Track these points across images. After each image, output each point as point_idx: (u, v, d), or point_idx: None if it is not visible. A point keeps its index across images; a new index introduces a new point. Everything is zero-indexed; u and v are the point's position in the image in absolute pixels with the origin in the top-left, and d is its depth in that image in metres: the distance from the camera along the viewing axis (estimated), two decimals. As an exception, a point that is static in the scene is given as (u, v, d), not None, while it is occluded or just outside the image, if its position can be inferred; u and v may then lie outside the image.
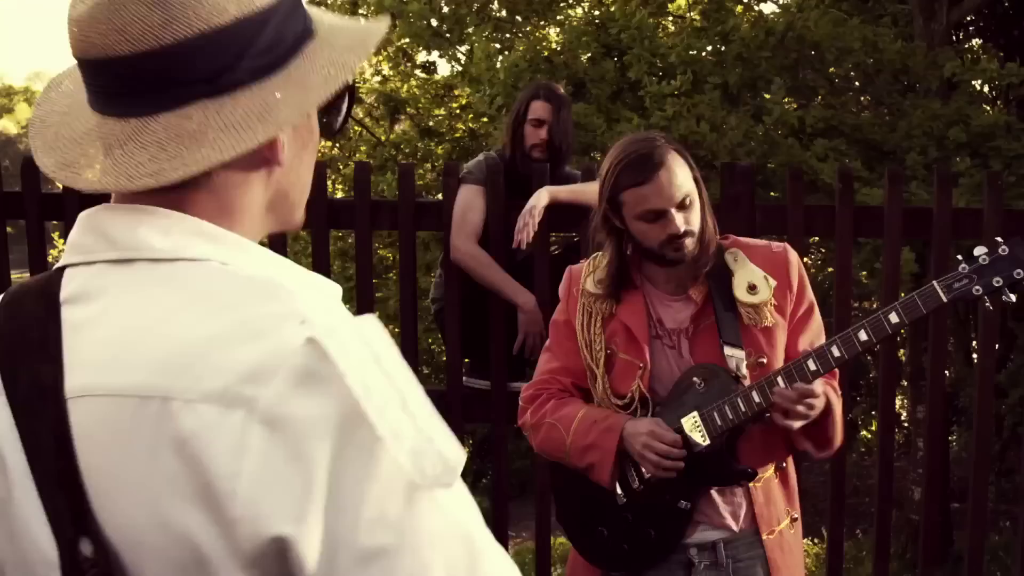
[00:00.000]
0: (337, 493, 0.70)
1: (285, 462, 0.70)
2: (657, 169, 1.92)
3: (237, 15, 0.78)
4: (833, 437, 2.01)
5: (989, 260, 1.89)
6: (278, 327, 0.73)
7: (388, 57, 10.23)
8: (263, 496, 0.70)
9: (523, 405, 2.16)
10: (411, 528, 0.71)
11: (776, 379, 1.92)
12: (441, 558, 0.72)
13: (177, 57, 0.76)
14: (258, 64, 0.79)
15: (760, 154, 6.32)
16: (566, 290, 2.15)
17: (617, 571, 2.11)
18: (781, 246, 2.09)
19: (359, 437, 0.70)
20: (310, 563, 0.70)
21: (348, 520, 0.70)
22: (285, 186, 0.86)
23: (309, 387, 0.70)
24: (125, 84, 0.78)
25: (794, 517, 2.10)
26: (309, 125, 0.87)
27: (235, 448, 0.70)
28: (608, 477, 2.01)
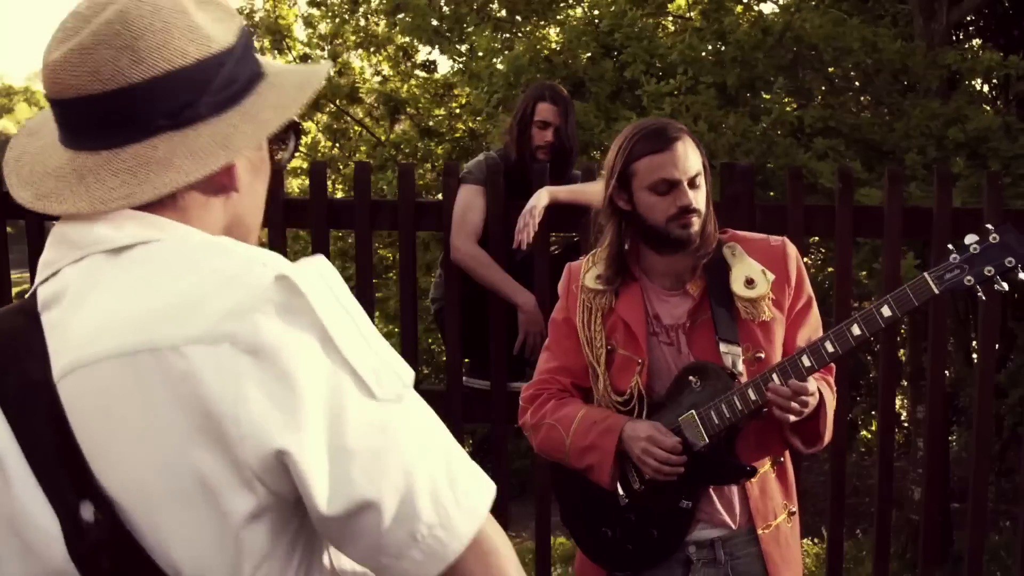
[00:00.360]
0: (326, 407, 0.80)
1: (278, 384, 0.79)
2: (674, 140, 1.94)
3: (197, 57, 0.87)
4: (822, 433, 2.00)
5: (980, 249, 1.87)
6: (246, 271, 0.82)
7: (388, 57, 10.23)
8: (264, 413, 0.78)
9: (523, 405, 2.16)
10: (391, 429, 0.82)
11: (771, 376, 1.92)
12: (422, 451, 0.83)
13: (144, 95, 0.86)
14: (216, 100, 0.89)
15: (758, 154, 6.32)
16: (565, 287, 2.15)
17: (622, 571, 2.11)
18: (779, 240, 2.08)
19: (333, 358, 0.81)
20: (310, 470, 0.79)
21: (339, 428, 0.80)
22: (241, 211, 0.96)
23: (284, 318, 0.80)
24: (97, 120, 0.87)
25: (791, 511, 2.09)
26: (261, 156, 0.97)
27: (228, 377, 0.78)
28: (608, 478, 2.02)
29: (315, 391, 0.80)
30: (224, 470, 0.79)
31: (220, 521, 0.81)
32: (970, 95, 7.09)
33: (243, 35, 0.93)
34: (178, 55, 0.86)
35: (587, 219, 3.04)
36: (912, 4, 7.40)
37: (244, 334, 0.79)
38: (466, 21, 8.39)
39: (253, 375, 0.78)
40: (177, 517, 0.81)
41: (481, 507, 0.85)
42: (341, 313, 0.84)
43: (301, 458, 0.79)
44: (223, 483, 0.80)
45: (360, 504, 0.80)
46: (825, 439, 2.02)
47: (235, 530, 0.81)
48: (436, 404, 3.65)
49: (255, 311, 0.79)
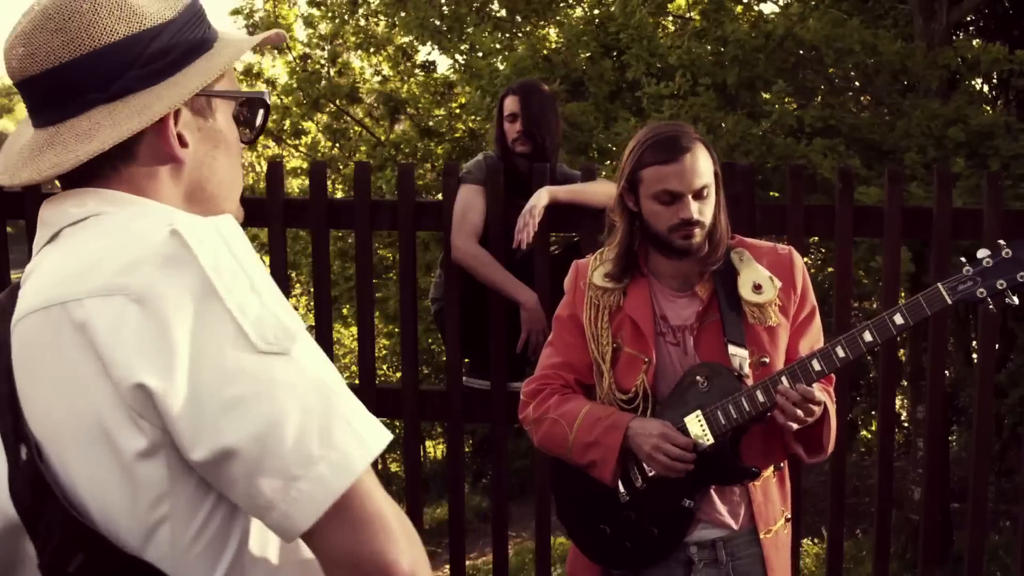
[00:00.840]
0: (198, 353, 0.82)
1: (153, 329, 0.83)
2: (683, 152, 1.94)
3: (125, 33, 0.93)
4: (826, 444, 2.01)
5: (993, 263, 1.90)
6: (152, 231, 0.88)
7: (388, 57, 10.23)
8: (134, 355, 0.83)
9: (525, 400, 2.15)
10: (266, 379, 0.83)
11: (780, 378, 1.93)
12: (296, 402, 0.83)
13: (75, 71, 0.93)
14: (145, 72, 0.94)
15: (758, 155, 6.32)
16: (572, 284, 2.15)
17: (619, 569, 2.11)
18: (786, 248, 2.10)
19: (213, 308, 0.84)
20: (173, 412, 0.82)
21: (209, 375, 0.82)
22: (199, 179, 1.01)
23: (170, 268, 0.84)
24: (42, 100, 0.96)
25: (787, 517, 2.11)
26: (215, 126, 1.02)
27: (114, 325, 0.84)
28: (611, 475, 2.02)
29: (186, 336, 0.82)
30: (115, 410, 0.84)
31: (116, 458, 0.86)
32: (970, 95, 7.09)
33: (188, 10, 0.99)
34: (106, 32, 0.92)
35: (587, 219, 3.05)
36: (912, 4, 7.40)
37: (134, 285, 0.84)
38: (466, 21, 8.39)
39: (134, 322, 0.83)
40: (82, 457, 0.87)
41: (353, 464, 0.84)
42: (231, 266, 0.86)
43: (166, 400, 0.82)
44: (115, 422, 0.85)
45: (223, 451, 0.82)
46: (827, 449, 2.03)
47: (129, 467, 0.85)
48: (436, 404, 3.65)
49: (145, 263, 0.85)
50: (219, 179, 1.03)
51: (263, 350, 0.83)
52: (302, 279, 9.89)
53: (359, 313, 3.32)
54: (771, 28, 6.79)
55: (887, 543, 3.05)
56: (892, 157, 6.39)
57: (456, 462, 3.35)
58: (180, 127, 0.98)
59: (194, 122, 1.00)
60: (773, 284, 2.02)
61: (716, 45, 6.92)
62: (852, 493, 8.15)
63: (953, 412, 8.60)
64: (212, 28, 1.03)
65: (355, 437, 0.85)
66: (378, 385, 3.36)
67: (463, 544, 3.35)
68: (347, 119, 10.18)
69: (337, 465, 0.83)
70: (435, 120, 9.47)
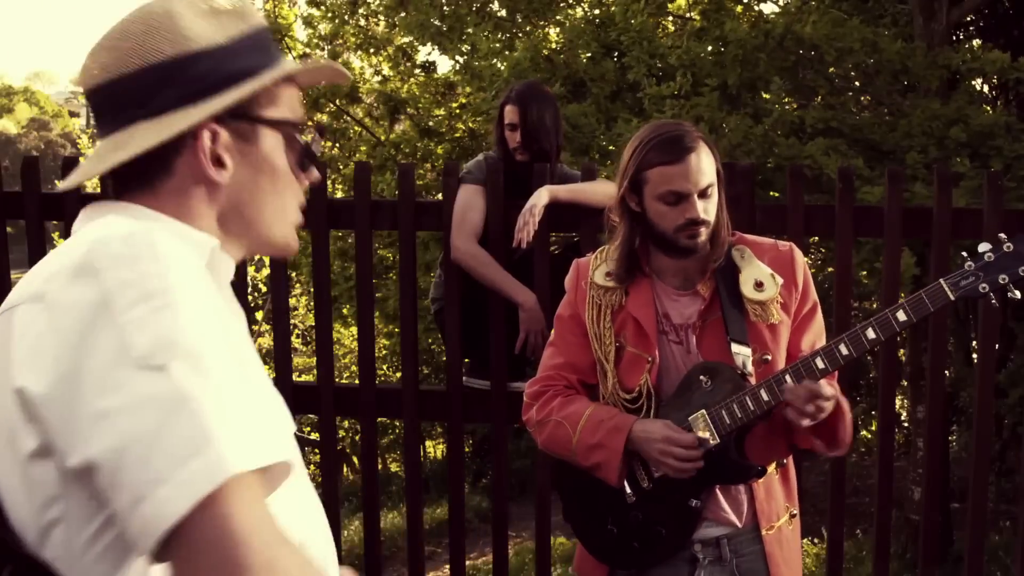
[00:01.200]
0: (81, 363, 0.83)
1: (48, 335, 0.85)
2: (688, 152, 1.93)
3: (171, 54, 0.97)
4: (844, 436, 2.01)
5: (994, 257, 1.91)
6: (86, 242, 0.90)
7: (388, 57, 10.23)
8: (24, 360, 0.86)
9: (528, 401, 2.15)
10: (136, 394, 0.81)
11: (784, 376, 1.93)
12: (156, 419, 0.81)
13: (120, 87, 0.98)
14: (182, 92, 0.98)
15: (759, 154, 6.32)
16: (573, 283, 2.15)
17: (626, 568, 2.11)
18: (787, 245, 2.10)
19: (104, 321, 0.84)
20: (48, 418, 0.84)
21: (87, 386, 0.82)
22: (237, 204, 1.03)
23: (77, 279, 0.86)
24: (96, 112, 1.01)
25: (792, 513, 2.11)
26: (259, 154, 1.03)
27: (24, 330, 0.88)
28: (615, 477, 2.02)
29: (74, 347, 0.83)
30: (15, 408, 0.87)
31: (15, 457, 0.88)
32: (970, 95, 7.09)
33: (244, 38, 1.01)
34: (152, 53, 0.97)
35: (587, 219, 3.05)
36: (912, 4, 7.40)
37: (49, 294, 0.87)
38: (466, 21, 8.39)
39: (39, 328, 0.86)
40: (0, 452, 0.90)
41: (197, 487, 0.78)
42: (134, 279, 0.86)
43: (44, 406, 0.84)
44: (16, 420, 0.87)
45: (87, 462, 0.81)
46: (846, 442, 2.03)
47: (24, 466, 0.87)
48: (436, 404, 3.65)
49: (62, 273, 0.88)
50: (259, 206, 1.04)
51: (142, 365, 0.82)
52: (302, 279, 9.89)
53: (359, 313, 3.32)
54: (771, 27, 6.79)
55: (887, 543, 3.05)
56: (893, 157, 6.39)
57: (456, 462, 3.35)
58: (220, 149, 1.00)
59: (235, 146, 1.01)
60: (775, 281, 2.02)
61: (716, 45, 6.92)
62: (852, 493, 8.15)
63: (953, 412, 8.60)
64: (277, 56, 1.05)
65: (207, 459, 0.79)
66: (378, 385, 3.36)
67: (463, 544, 3.35)
68: (347, 119, 10.18)
69: (180, 486, 0.78)
70: (435, 120, 9.47)
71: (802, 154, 6.13)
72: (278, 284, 3.39)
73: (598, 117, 6.89)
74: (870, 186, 5.71)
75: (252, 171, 1.03)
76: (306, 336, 12.30)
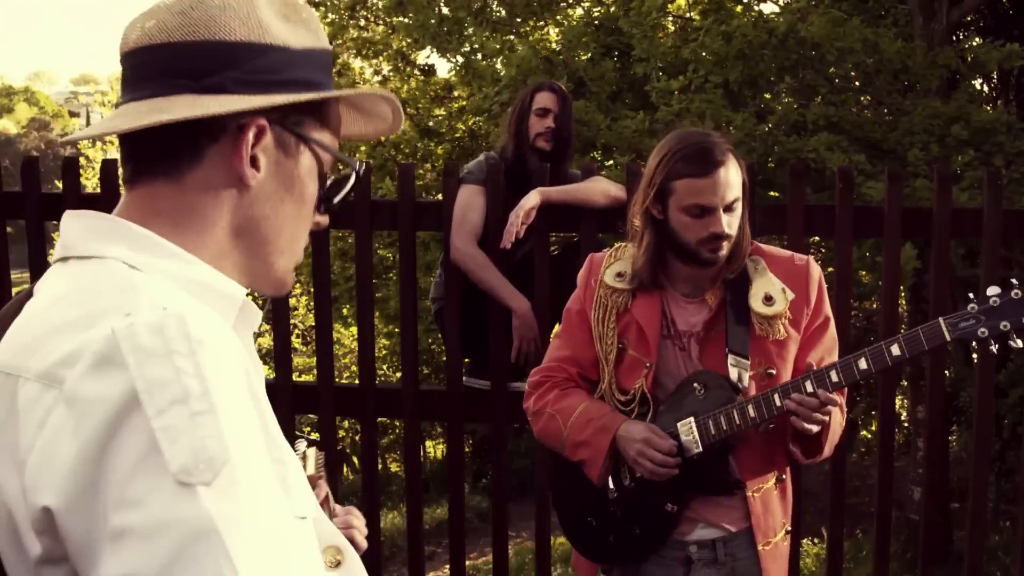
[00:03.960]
0: (102, 471, 0.74)
1: (67, 437, 0.75)
2: (718, 166, 1.91)
3: (242, 37, 0.91)
4: (823, 446, 2.01)
5: (1000, 303, 1.86)
6: (104, 318, 0.80)
7: (388, 58, 10.24)
8: (41, 468, 0.76)
9: (528, 390, 2.18)
10: (158, 516, 0.73)
11: (773, 396, 1.93)
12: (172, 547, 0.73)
13: (181, 52, 0.90)
14: (242, 78, 0.91)
15: (761, 152, 6.33)
16: (584, 279, 2.15)
17: (601, 562, 2.14)
18: (804, 259, 2.08)
19: (133, 423, 0.74)
20: (72, 535, 0.75)
21: (106, 498, 0.74)
22: (256, 216, 0.94)
23: (100, 371, 0.76)
24: (142, 72, 0.92)
25: (788, 530, 2.12)
26: (294, 171, 0.96)
27: (39, 423, 0.78)
28: (598, 476, 2.04)
29: (99, 453, 0.74)
30: (21, 509, 0.79)
31: (23, 556, 0.80)
32: (970, 94, 7.09)
33: (312, 52, 0.96)
34: (223, 30, 0.91)
35: (587, 219, 3.05)
36: (912, 4, 7.40)
37: (68, 382, 0.77)
38: (465, 23, 8.39)
39: (56, 426, 0.77)
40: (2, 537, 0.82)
41: None
42: (166, 377, 0.76)
43: (64, 521, 0.75)
44: (22, 519, 0.79)
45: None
46: (825, 452, 2.03)
47: (32, 569, 0.80)
48: (436, 404, 3.64)
49: (81, 360, 0.78)
50: (278, 225, 0.97)
51: (180, 480, 0.74)
52: (302, 279, 9.89)
53: (359, 313, 3.32)
54: (775, 25, 6.79)
55: (887, 543, 3.05)
56: (894, 155, 6.40)
57: (456, 462, 3.35)
58: (258, 150, 0.92)
59: (274, 153, 0.94)
60: (785, 296, 2.00)
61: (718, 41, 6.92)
62: (852, 493, 8.15)
63: (953, 412, 8.60)
64: (331, 81, 0.99)
65: None
66: (378, 385, 3.36)
67: (463, 544, 3.35)
68: (347, 119, 10.17)
69: None
70: (435, 120, 9.48)
71: (806, 147, 6.14)
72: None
73: (601, 114, 6.90)
74: (874, 181, 5.72)
75: (282, 185, 0.96)
76: (306, 336, 12.30)
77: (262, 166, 0.93)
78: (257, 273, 0.97)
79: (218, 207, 0.92)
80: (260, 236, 0.96)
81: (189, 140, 0.90)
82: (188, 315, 0.80)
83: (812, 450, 2.02)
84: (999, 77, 8.58)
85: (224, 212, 0.93)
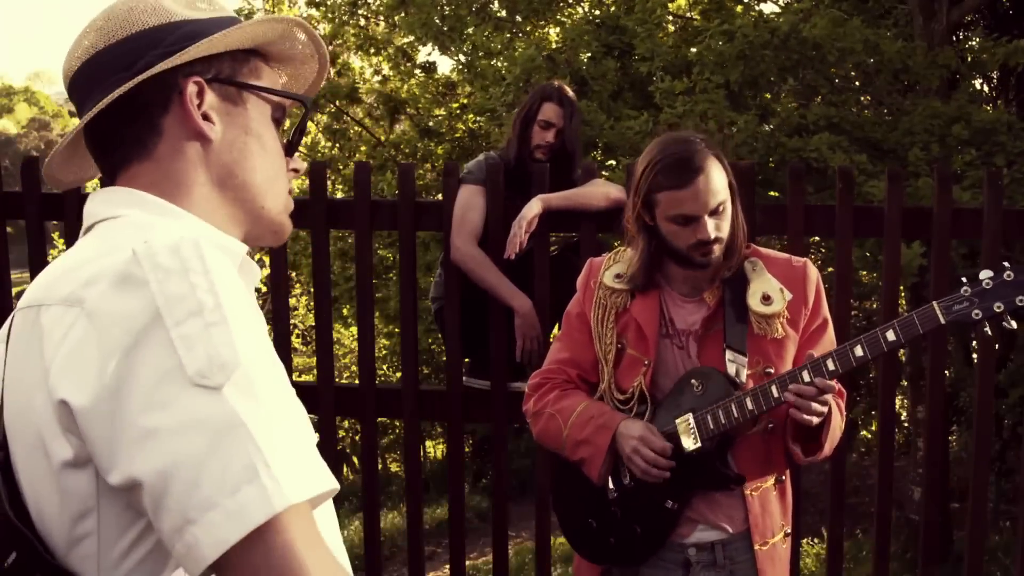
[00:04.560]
0: (129, 377, 0.81)
1: (92, 347, 0.83)
2: (696, 175, 1.92)
3: (155, 24, 1.00)
4: (823, 443, 2.01)
5: (992, 285, 1.87)
6: (125, 245, 0.88)
7: (388, 57, 10.23)
8: (66, 370, 0.83)
9: (528, 392, 2.19)
10: (187, 414, 0.80)
11: (770, 388, 1.93)
12: (207, 442, 0.79)
13: (107, 56, 0.99)
14: (165, 51, 0.98)
15: (763, 153, 6.33)
16: (584, 282, 2.17)
17: (601, 563, 2.14)
18: (801, 261, 2.10)
19: (155, 334, 0.82)
20: (95, 436, 0.82)
21: (134, 401, 0.80)
22: (228, 162, 1.02)
23: (123, 288, 0.84)
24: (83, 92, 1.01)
25: (787, 532, 2.11)
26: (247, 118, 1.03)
27: (62, 336, 0.85)
28: (598, 474, 2.04)
29: (121, 360, 0.81)
30: (48, 417, 0.85)
31: (48, 465, 0.86)
32: (971, 94, 7.09)
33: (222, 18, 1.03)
34: (136, 24, 0.99)
35: (587, 220, 3.05)
36: (912, 4, 7.40)
37: (90, 299, 0.84)
38: (466, 21, 8.39)
39: (78, 335, 0.84)
40: (27, 457, 0.88)
41: (251, 514, 0.78)
42: (183, 291, 0.83)
43: (86, 419, 0.82)
44: (48, 430, 0.85)
45: (132, 480, 0.80)
46: (825, 450, 2.03)
47: (57, 475, 0.85)
48: (436, 404, 3.62)
49: (103, 278, 0.85)
50: (251, 166, 1.03)
51: (196, 383, 0.80)
52: (302, 279, 9.89)
53: (359, 313, 3.32)
54: (776, 25, 6.80)
55: (887, 543, 3.05)
56: (895, 155, 6.40)
57: (456, 462, 3.35)
58: (205, 107, 1.00)
59: (222, 107, 1.01)
60: (783, 296, 2.02)
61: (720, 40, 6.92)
62: (852, 493, 8.15)
63: (953, 412, 8.60)
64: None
65: (261, 487, 0.79)
66: (378, 385, 3.35)
67: (463, 544, 3.35)
68: (347, 119, 10.18)
69: (233, 514, 0.77)
70: (435, 120, 9.48)
71: (807, 146, 6.14)
72: (278, 284, 3.39)
73: (604, 114, 6.90)
74: (875, 180, 5.72)
75: (239, 131, 1.03)
76: (306, 336, 12.30)
77: (215, 120, 1.01)
78: (251, 221, 1.05)
79: (193, 166, 1.00)
80: (239, 180, 1.03)
81: (144, 118, 0.98)
82: (202, 241, 0.87)
83: (812, 449, 2.02)
84: (999, 77, 8.58)
85: (200, 169, 1.01)
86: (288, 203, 1.09)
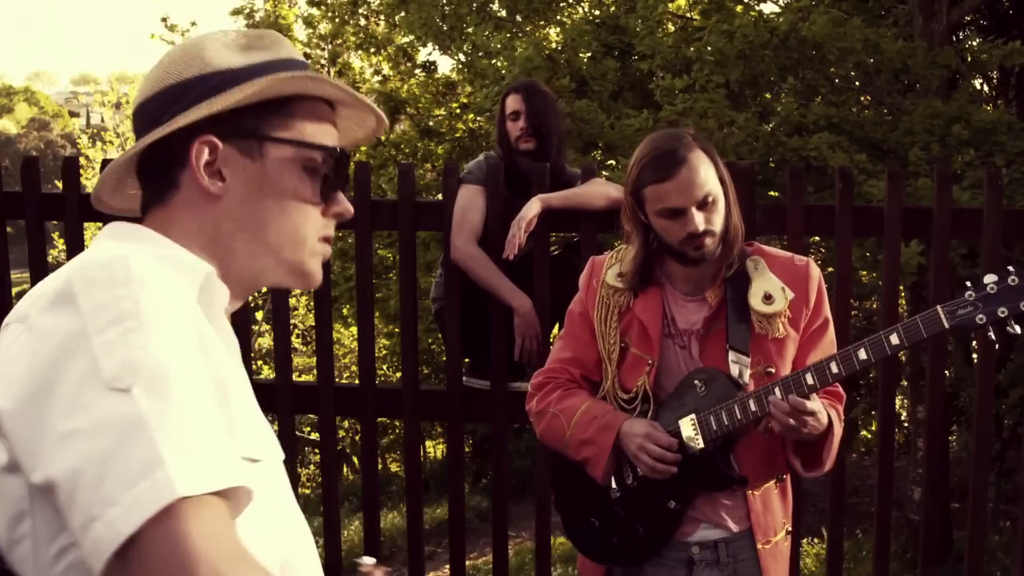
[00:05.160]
0: (53, 384, 0.85)
1: (23, 356, 0.88)
2: (678, 166, 1.92)
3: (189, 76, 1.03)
4: (824, 459, 2.01)
5: (997, 289, 1.86)
6: (68, 268, 0.94)
7: (388, 57, 10.23)
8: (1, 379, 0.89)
9: (531, 391, 2.18)
10: (98, 416, 0.83)
11: (774, 389, 1.93)
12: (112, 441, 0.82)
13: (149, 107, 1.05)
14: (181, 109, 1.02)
15: (763, 152, 6.32)
16: (586, 281, 2.16)
17: (604, 563, 2.14)
18: (804, 260, 2.09)
19: (80, 344, 0.86)
20: (13, 436, 0.86)
21: (57, 407, 0.84)
22: (239, 219, 1.04)
23: (57, 305, 0.89)
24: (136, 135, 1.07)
25: (788, 530, 2.12)
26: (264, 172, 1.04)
27: (6, 348, 0.91)
28: (602, 473, 2.04)
29: (47, 368, 0.86)
30: None
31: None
32: (971, 94, 7.09)
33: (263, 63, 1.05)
34: (173, 76, 1.04)
35: (587, 220, 3.05)
36: (912, 4, 7.40)
37: (31, 315, 0.91)
38: (466, 21, 8.39)
39: (16, 349, 0.90)
40: None
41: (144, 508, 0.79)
42: (108, 302, 0.88)
43: (11, 423, 0.86)
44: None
45: (48, 481, 0.83)
46: (826, 466, 2.03)
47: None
48: (436, 404, 3.63)
49: (44, 298, 0.91)
50: (259, 222, 1.04)
51: (110, 386, 0.84)
52: (302, 279, 9.87)
53: (359, 313, 3.32)
54: (776, 25, 6.80)
55: (887, 543, 3.05)
56: (895, 155, 6.40)
57: (456, 462, 3.35)
58: (220, 163, 1.02)
59: (240, 161, 1.03)
60: (784, 295, 2.01)
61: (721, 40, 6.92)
62: (852, 493, 8.15)
63: (953, 412, 8.60)
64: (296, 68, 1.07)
65: (155, 481, 0.80)
66: (378, 385, 3.35)
67: (463, 544, 3.35)
68: (347, 119, 10.16)
69: (128, 507, 0.79)
70: (435, 120, 9.48)
71: (807, 146, 6.14)
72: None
73: (604, 113, 6.90)
74: (875, 180, 5.71)
75: (255, 187, 1.04)
76: (306, 336, 12.30)
77: (228, 177, 1.03)
78: (271, 267, 1.07)
79: (198, 220, 1.03)
80: (247, 236, 1.05)
81: (164, 172, 1.03)
82: (132, 258, 0.92)
83: (813, 464, 2.02)
84: (999, 77, 8.58)
85: (206, 223, 1.03)
86: (317, 249, 1.09)
